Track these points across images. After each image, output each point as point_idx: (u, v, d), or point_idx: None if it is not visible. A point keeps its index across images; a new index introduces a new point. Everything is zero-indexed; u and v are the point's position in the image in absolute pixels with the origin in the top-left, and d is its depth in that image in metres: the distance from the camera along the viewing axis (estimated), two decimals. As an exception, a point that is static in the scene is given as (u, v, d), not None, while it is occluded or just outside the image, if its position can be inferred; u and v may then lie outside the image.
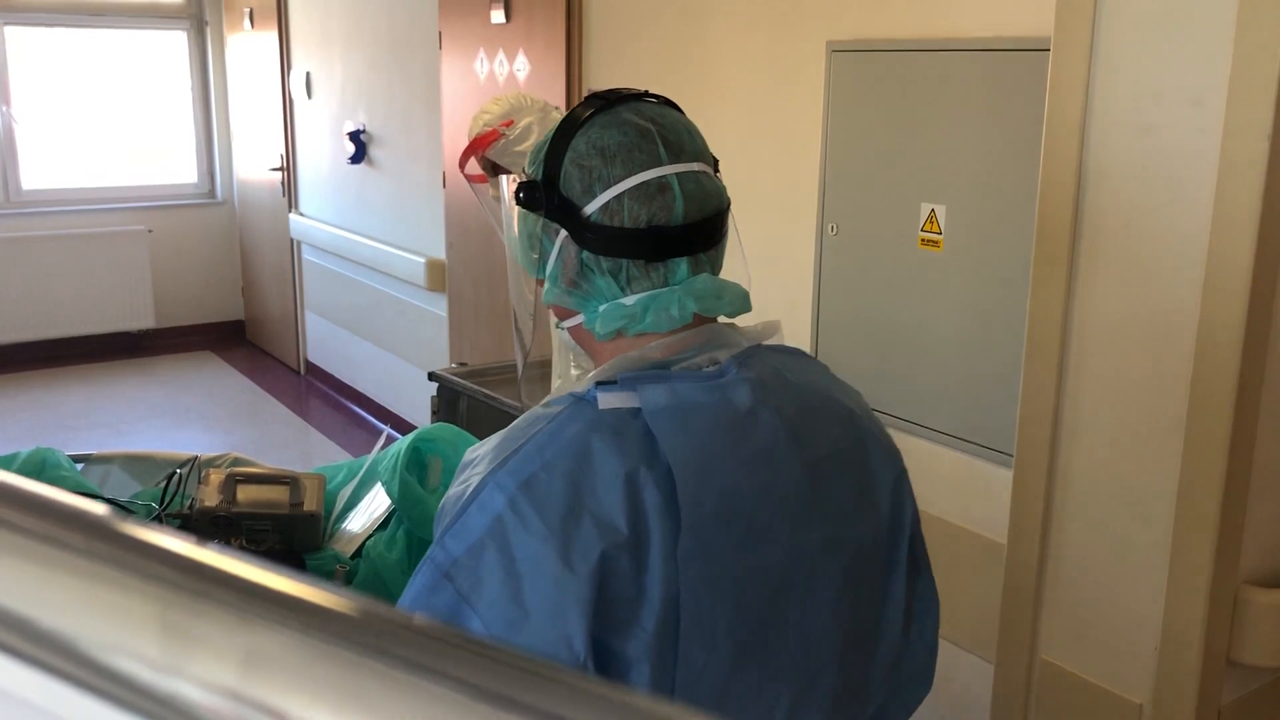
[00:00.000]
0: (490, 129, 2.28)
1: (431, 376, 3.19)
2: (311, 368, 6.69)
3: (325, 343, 6.49)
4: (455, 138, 4.71)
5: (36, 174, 6.93)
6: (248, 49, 6.83)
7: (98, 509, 0.38)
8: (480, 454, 1.09)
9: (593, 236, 1.11)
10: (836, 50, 2.82)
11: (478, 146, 2.29)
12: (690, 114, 1.24)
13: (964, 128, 2.53)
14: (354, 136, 5.62)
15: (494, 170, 2.36)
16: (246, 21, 6.71)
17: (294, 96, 6.35)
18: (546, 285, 1.17)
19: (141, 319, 7.19)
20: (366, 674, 0.31)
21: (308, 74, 6.12)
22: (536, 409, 1.10)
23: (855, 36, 2.78)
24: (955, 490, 2.66)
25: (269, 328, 7.20)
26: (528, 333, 2.24)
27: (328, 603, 0.33)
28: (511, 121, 2.28)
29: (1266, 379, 1.80)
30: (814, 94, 2.90)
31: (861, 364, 2.80)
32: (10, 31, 6.69)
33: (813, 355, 1.32)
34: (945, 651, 2.64)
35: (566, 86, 3.84)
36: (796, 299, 2.99)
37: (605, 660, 1.00)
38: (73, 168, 7.06)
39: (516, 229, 1.20)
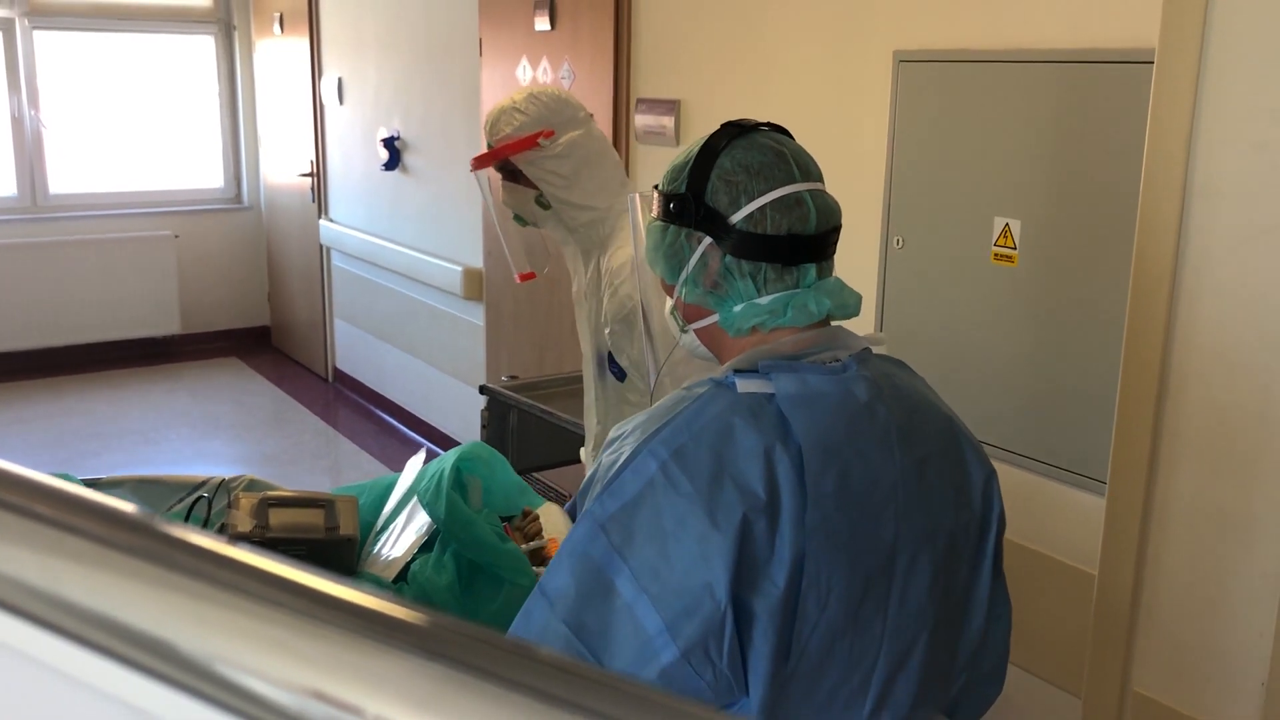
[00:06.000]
0: (526, 135, 2.17)
1: (483, 390, 3.13)
2: (340, 375, 6.64)
3: (355, 350, 6.44)
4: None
5: (64, 178, 6.90)
6: (277, 54, 6.79)
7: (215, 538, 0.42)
8: (627, 430, 1.24)
9: (738, 242, 1.27)
10: (904, 60, 2.75)
11: (509, 151, 2.17)
12: None
13: (1041, 140, 2.47)
14: (388, 143, 5.57)
15: (506, 174, 2.23)
16: (276, 26, 6.67)
17: (325, 102, 6.31)
18: (685, 288, 1.32)
19: (167, 325, 7.15)
20: (443, 680, 0.34)
21: (339, 79, 6.08)
22: (679, 391, 1.25)
23: (924, 46, 2.72)
24: (1025, 512, 2.59)
25: (296, 334, 7.16)
26: (660, 337, 2.18)
27: (400, 614, 0.38)
28: (552, 133, 2.15)
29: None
30: (879, 104, 2.84)
31: (927, 380, 2.73)
32: (39, 36, 6.66)
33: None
34: (1026, 683, 2.57)
35: (614, 97, 3.77)
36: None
37: (736, 613, 1.12)
38: (100, 172, 7.03)
39: (649, 239, 1.36)
